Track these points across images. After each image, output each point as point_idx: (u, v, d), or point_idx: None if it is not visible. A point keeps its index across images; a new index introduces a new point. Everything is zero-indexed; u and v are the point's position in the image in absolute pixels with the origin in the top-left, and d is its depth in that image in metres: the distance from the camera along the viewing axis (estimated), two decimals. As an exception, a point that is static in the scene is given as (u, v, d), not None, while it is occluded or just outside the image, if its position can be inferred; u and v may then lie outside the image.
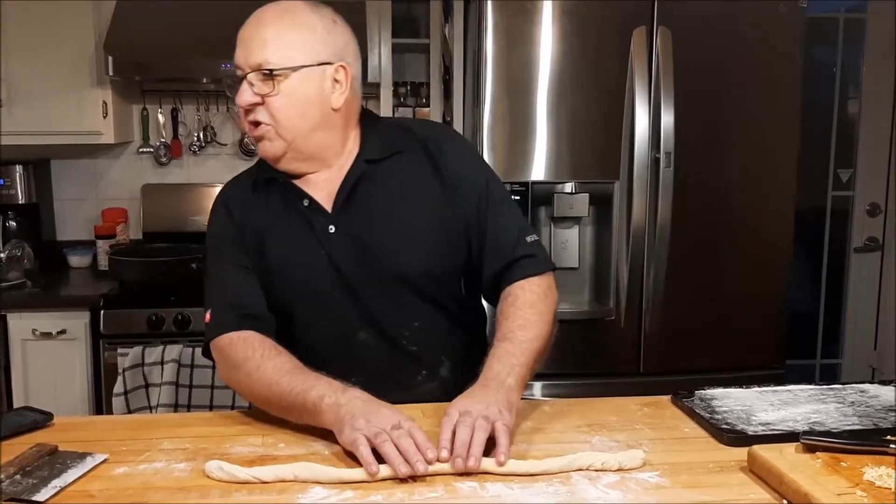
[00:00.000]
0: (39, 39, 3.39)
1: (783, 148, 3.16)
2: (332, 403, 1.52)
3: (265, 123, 1.74)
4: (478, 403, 1.49)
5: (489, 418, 1.45)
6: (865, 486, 1.27)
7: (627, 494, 1.35)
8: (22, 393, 3.21)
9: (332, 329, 1.80)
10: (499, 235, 1.83)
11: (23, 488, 1.34)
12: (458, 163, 1.85)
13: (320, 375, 1.60)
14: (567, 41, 3.02)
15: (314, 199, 1.80)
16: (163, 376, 2.99)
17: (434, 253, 1.81)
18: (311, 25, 1.75)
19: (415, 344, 1.83)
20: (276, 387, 1.62)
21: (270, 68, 1.71)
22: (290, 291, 1.80)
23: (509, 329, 1.70)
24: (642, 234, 3.08)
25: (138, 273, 3.33)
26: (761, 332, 3.22)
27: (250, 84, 1.73)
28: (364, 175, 1.80)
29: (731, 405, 1.72)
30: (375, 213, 1.79)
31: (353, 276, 1.78)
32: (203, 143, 3.89)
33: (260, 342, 1.71)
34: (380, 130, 1.87)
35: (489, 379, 1.59)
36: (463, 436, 1.42)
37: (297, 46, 1.73)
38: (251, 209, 1.84)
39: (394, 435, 1.42)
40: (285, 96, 1.72)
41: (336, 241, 1.78)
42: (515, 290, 1.78)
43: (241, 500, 1.32)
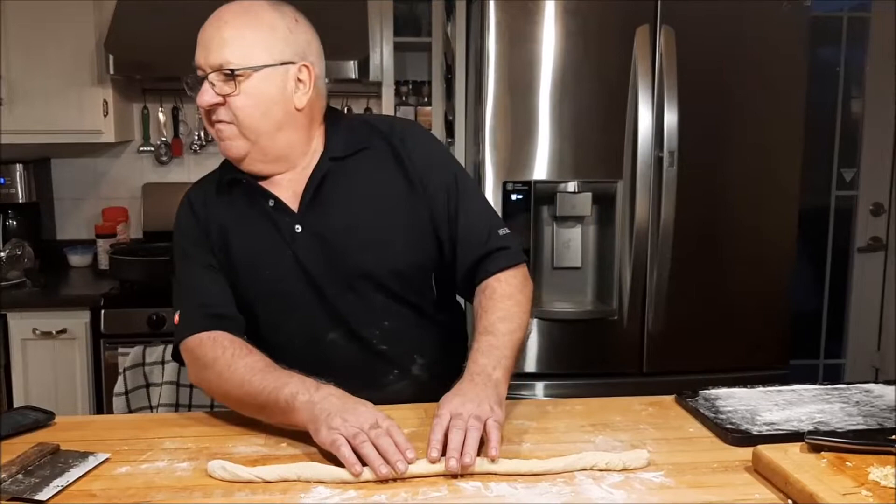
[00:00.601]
0: (40, 38, 3.38)
1: (787, 147, 3.15)
2: (306, 401, 1.51)
3: (227, 122, 1.73)
4: (468, 403, 1.48)
5: (480, 418, 1.45)
6: (871, 486, 1.26)
7: (632, 494, 1.34)
8: (22, 392, 3.21)
9: (301, 329, 1.80)
10: (471, 229, 1.82)
11: (25, 487, 1.34)
12: (424, 157, 1.84)
13: (293, 373, 1.59)
14: (570, 40, 3.01)
15: (279, 199, 1.79)
16: (163, 376, 2.98)
17: (401, 251, 1.80)
18: (272, 24, 1.74)
19: (385, 343, 1.82)
20: (247, 385, 1.60)
21: (231, 68, 1.70)
22: (255, 291, 1.79)
23: (490, 322, 1.69)
24: (645, 233, 3.07)
25: (139, 272, 3.32)
26: (764, 332, 3.21)
27: (211, 84, 1.72)
28: (329, 173, 1.79)
29: (735, 405, 1.71)
30: (341, 211, 1.78)
31: (320, 275, 1.77)
32: (204, 142, 3.88)
33: (230, 341, 1.70)
34: (344, 128, 1.86)
35: (475, 374, 1.58)
36: (456, 438, 1.41)
37: (259, 46, 1.72)
38: (215, 209, 1.83)
39: (372, 434, 1.41)
40: (247, 96, 1.71)
41: (302, 240, 1.77)
42: (492, 283, 1.77)
43: (244, 500, 1.32)
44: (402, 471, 1.36)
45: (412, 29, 3.81)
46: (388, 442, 1.40)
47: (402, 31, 3.72)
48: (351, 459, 1.37)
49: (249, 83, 1.71)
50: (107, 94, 3.47)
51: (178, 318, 1.78)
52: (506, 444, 1.54)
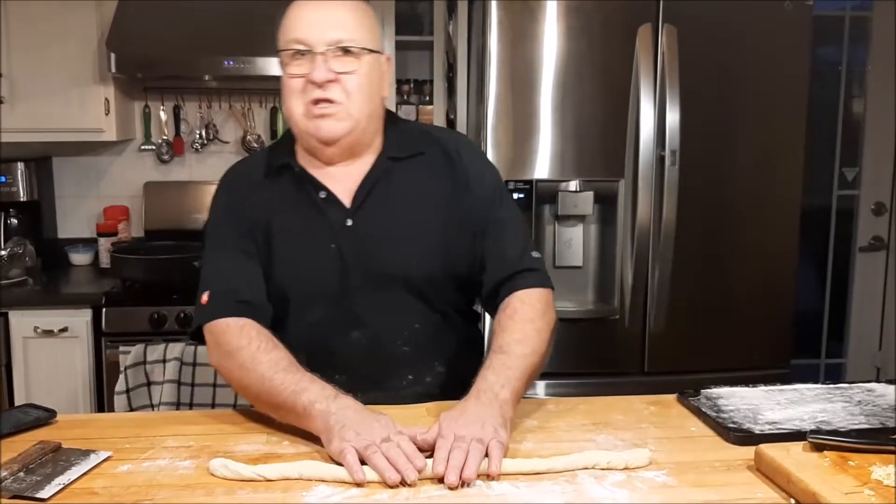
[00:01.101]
0: (42, 36, 3.38)
1: (788, 146, 3.15)
2: (323, 410, 1.50)
3: (336, 101, 1.72)
4: (471, 424, 1.44)
5: (483, 441, 1.41)
6: (873, 485, 1.26)
7: (634, 493, 1.34)
8: (23, 391, 3.21)
9: (327, 322, 1.79)
10: (505, 246, 1.82)
11: (26, 485, 1.34)
12: (474, 171, 1.86)
13: (314, 378, 1.58)
14: (572, 38, 3.01)
15: (331, 191, 1.79)
16: (165, 374, 2.98)
17: (439, 258, 1.81)
18: (369, 12, 1.78)
19: (408, 345, 1.82)
20: (267, 383, 1.59)
21: (348, 46, 1.70)
22: (290, 281, 1.79)
23: (506, 342, 1.66)
24: (647, 232, 3.07)
25: (140, 271, 3.32)
26: (766, 331, 3.21)
27: (325, 60, 1.70)
28: (386, 172, 1.80)
29: (737, 404, 1.71)
30: (392, 212, 1.79)
31: (359, 272, 1.77)
32: (205, 141, 3.88)
33: (257, 333, 1.68)
34: (401, 130, 1.88)
35: (482, 391, 1.54)
36: (457, 459, 1.38)
37: (366, 29, 1.75)
38: (260, 194, 1.82)
39: (383, 447, 1.40)
40: (360, 76, 1.72)
41: (350, 235, 1.77)
42: (514, 303, 1.75)
43: (246, 499, 1.32)
44: (412, 479, 1.35)
45: (414, 27, 3.81)
46: (398, 452, 1.38)
47: (404, 30, 3.72)
48: (354, 466, 1.36)
49: (363, 63, 1.72)
50: (108, 93, 3.47)
51: (206, 299, 1.76)
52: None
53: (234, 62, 3.32)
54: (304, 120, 1.74)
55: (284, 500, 1.31)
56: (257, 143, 3.87)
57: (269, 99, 3.87)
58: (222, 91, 3.84)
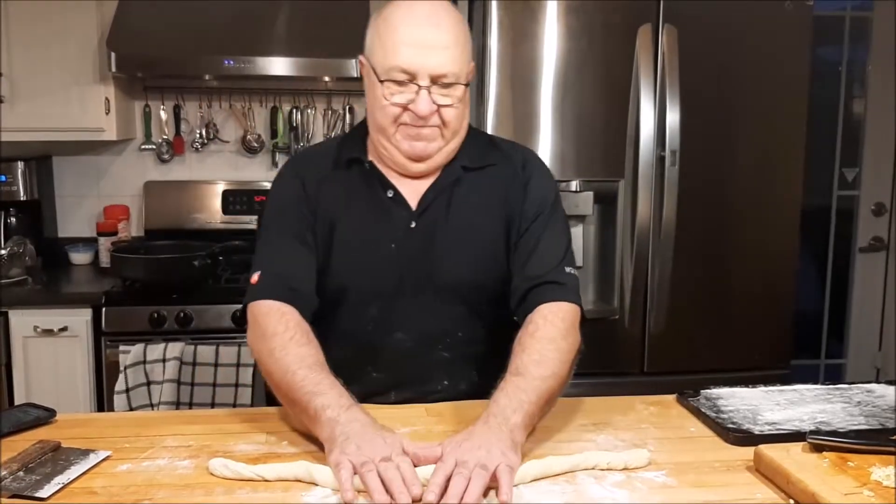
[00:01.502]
0: (42, 36, 3.38)
1: (789, 147, 3.15)
2: (332, 418, 1.46)
3: (433, 126, 1.73)
4: (477, 450, 1.36)
5: (488, 467, 1.33)
6: (873, 486, 1.26)
7: (634, 494, 1.34)
8: (23, 390, 3.21)
9: (375, 320, 1.79)
10: (543, 255, 1.80)
11: (26, 485, 1.34)
12: (536, 185, 1.85)
13: (336, 383, 1.55)
14: (572, 38, 3.01)
15: (400, 191, 1.79)
16: (164, 374, 2.98)
17: (494, 269, 1.81)
18: (466, 30, 1.76)
19: (449, 351, 1.82)
20: (289, 376, 1.57)
21: (452, 82, 1.70)
22: (347, 274, 1.79)
23: (523, 363, 1.59)
24: (647, 232, 3.07)
25: (140, 270, 3.32)
26: (766, 332, 3.21)
27: (428, 91, 1.69)
28: (457, 180, 1.81)
29: (737, 404, 1.71)
30: (456, 219, 1.79)
31: (415, 274, 1.77)
32: (205, 140, 3.88)
33: (296, 323, 1.68)
34: (474, 138, 1.87)
35: (492, 415, 1.47)
36: (457, 486, 1.29)
37: (467, 51, 1.74)
38: (328, 185, 1.82)
39: (381, 467, 1.33)
40: (457, 107, 1.72)
41: (411, 237, 1.78)
42: (537, 319, 1.70)
43: (245, 498, 1.32)
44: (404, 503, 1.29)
45: (414, 27, 3.80)
46: (395, 474, 1.31)
47: (404, 30, 3.71)
48: (346, 484, 1.30)
49: (462, 91, 1.72)
50: (109, 92, 3.46)
51: (256, 279, 1.75)
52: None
53: (234, 62, 3.32)
54: (398, 137, 1.75)
55: (284, 501, 1.31)
56: (257, 143, 3.87)
57: (270, 98, 3.86)
58: (223, 90, 3.84)
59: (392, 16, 1.72)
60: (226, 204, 3.78)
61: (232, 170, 3.92)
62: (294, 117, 3.86)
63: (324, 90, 3.85)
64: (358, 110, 3.88)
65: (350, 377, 1.75)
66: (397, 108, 1.71)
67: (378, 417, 1.65)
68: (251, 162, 3.92)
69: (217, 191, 3.79)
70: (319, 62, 3.37)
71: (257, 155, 3.91)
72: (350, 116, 3.87)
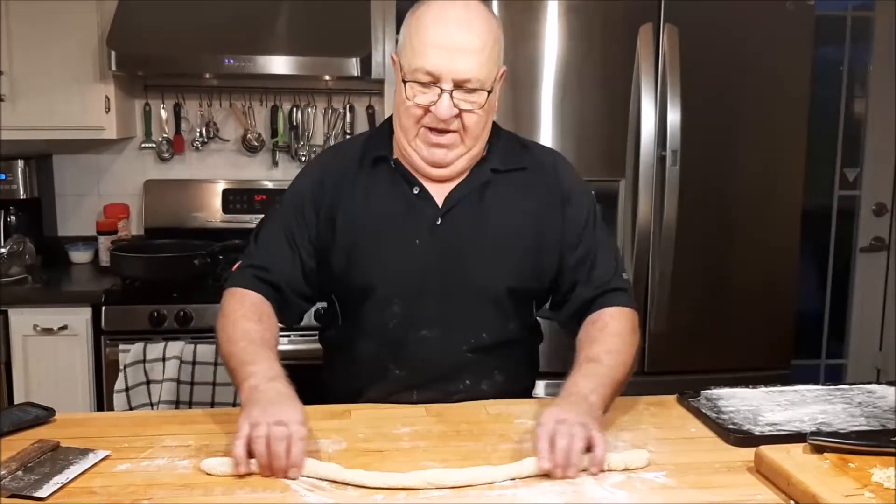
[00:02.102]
0: (42, 34, 3.37)
1: (790, 146, 3.15)
2: (252, 386, 1.52)
3: (454, 132, 1.73)
4: (570, 412, 1.46)
5: (586, 426, 1.43)
6: (874, 488, 1.26)
7: (633, 494, 1.34)
8: (23, 389, 3.20)
9: (399, 317, 1.80)
10: (597, 266, 1.83)
11: (24, 484, 1.34)
12: (571, 189, 1.87)
13: (271, 357, 1.61)
14: (573, 38, 3.00)
15: (426, 188, 1.80)
16: (164, 373, 2.98)
17: (522, 271, 1.82)
18: (499, 33, 1.75)
19: (474, 352, 1.82)
20: (232, 346, 1.65)
21: (476, 87, 1.69)
22: (371, 272, 1.79)
23: (596, 353, 1.68)
24: (647, 232, 3.06)
25: (140, 269, 3.32)
26: (767, 332, 3.21)
27: (450, 95, 1.68)
28: (487, 183, 1.81)
29: (737, 405, 1.71)
30: (484, 220, 1.79)
31: (440, 273, 1.78)
32: (205, 139, 3.87)
33: (252, 303, 1.74)
34: (504, 141, 1.87)
35: (572, 394, 1.56)
36: (563, 443, 1.39)
37: (496, 57, 1.73)
38: (352, 183, 1.82)
39: (274, 431, 1.38)
40: (480, 113, 1.72)
41: (438, 235, 1.78)
42: (605, 317, 1.78)
43: (244, 498, 1.32)
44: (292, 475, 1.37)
45: (415, 26, 3.80)
46: (282, 448, 1.37)
47: (405, 29, 3.71)
48: (238, 456, 1.38)
49: (486, 97, 1.71)
50: (109, 91, 3.46)
51: (236, 268, 1.84)
52: (507, 443, 1.54)
53: (234, 60, 3.32)
54: (418, 141, 1.76)
55: (283, 500, 1.31)
56: (258, 142, 3.86)
57: (270, 97, 3.86)
58: (223, 89, 3.83)
59: (424, 16, 1.71)
60: (226, 203, 3.78)
61: (232, 169, 3.91)
62: (294, 116, 3.86)
63: (324, 89, 3.84)
64: (358, 109, 3.87)
65: (373, 375, 1.79)
66: (419, 109, 1.71)
67: (377, 417, 1.66)
68: (251, 161, 3.92)
69: (217, 190, 3.79)
70: (320, 61, 3.37)
71: (257, 154, 3.90)
72: (350, 115, 3.86)
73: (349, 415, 1.69)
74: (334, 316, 1.91)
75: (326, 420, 1.65)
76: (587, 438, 1.41)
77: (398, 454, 1.50)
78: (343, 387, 1.88)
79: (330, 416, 1.68)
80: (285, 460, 1.37)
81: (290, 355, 3.05)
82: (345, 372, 1.89)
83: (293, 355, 3.07)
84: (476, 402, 1.76)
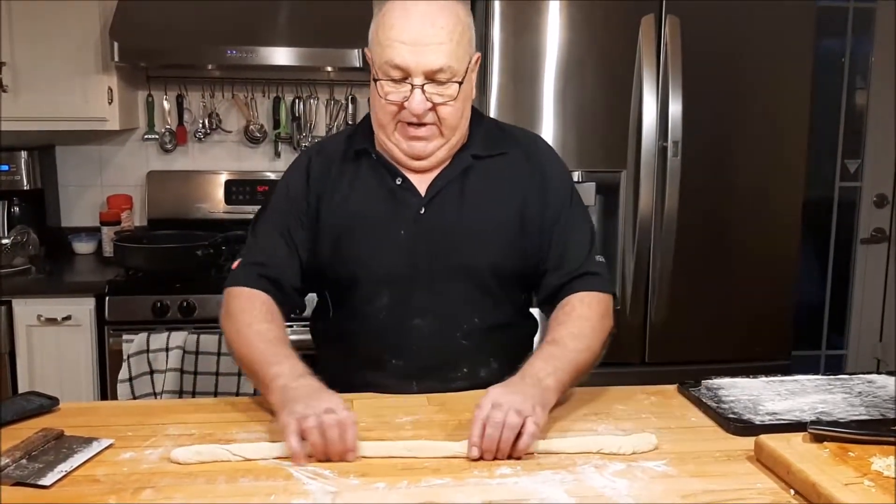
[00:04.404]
0: (45, 25, 3.37)
1: (791, 138, 3.15)
2: (282, 386, 1.53)
3: (429, 124, 1.74)
4: (512, 395, 1.47)
5: (521, 413, 1.43)
6: (873, 476, 1.27)
7: (634, 483, 1.35)
8: (27, 378, 3.21)
9: (391, 308, 1.81)
10: (570, 248, 1.84)
11: (29, 472, 1.34)
12: (551, 170, 1.88)
13: (292, 355, 1.62)
14: (575, 29, 3.00)
15: (408, 178, 1.81)
16: (168, 363, 2.99)
17: (509, 254, 1.82)
18: (468, 21, 1.76)
19: (468, 339, 1.83)
20: (250, 349, 1.65)
21: (448, 77, 1.70)
22: (358, 264, 1.81)
23: (560, 335, 1.69)
24: (649, 223, 3.07)
25: (143, 260, 3.32)
26: (767, 322, 3.21)
27: (422, 90, 1.70)
28: (467, 168, 1.82)
29: (737, 395, 1.72)
30: (467, 206, 1.80)
31: (427, 260, 1.79)
32: (208, 130, 3.87)
33: (262, 303, 1.75)
34: (484, 128, 1.88)
35: (527, 375, 1.57)
36: (491, 432, 1.41)
37: (465, 46, 1.73)
38: (336, 177, 1.84)
39: (324, 419, 1.40)
40: (454, 103, 1.73)
41: (422, 223, 1.79)
42: (574, 301, 1.78)
43: (247, 486, 1.33)
44: (349, 459, 1.40)
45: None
46: (337, 434, 1.40)
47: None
48: (294, 448, 1.39)
49: (459, 89, 1.72)
50: (111, 82, 3.46)
51: (236, 265, 1.83)
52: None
53: (237, 51, 3.32)
54: (397, 135, 1.77)
55: (286, 488, 1.32)
56: (260, 133, 3.87)
57: (272, 88, 3.86)
58: (225, 80, 3.83)
59: (390, 12, 1.72)
60: (228, 194, 3.78)
61: (234, 160, 3.92)
62: (297, 107, 3.86)
63: (326, 80, 3.84)
64: (360, 100, 3.87)
65: (371, 366, 1.79)
66: (393, 105, 1.72)
67: (379, 407, 1.67)
68: (254, 152, 3.92)
69: (220, 181, 3.80)
70: (322, 52, 3.37)
71: (260, 145, 3.90)
72: (352, 107, 3.86)
73: (351, 404, 1.69)
74: (325, 308, 1.92)
75: (328, 409, 1.66)
76: (518, 427, 1.41)
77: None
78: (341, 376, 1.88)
79: (332, 406, 1.68)
80: (341, 444, 1.40)
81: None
82: (341, 362, 1.90)
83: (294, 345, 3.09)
84: (477, 392, 1.76)
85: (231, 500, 1.29)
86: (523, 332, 1.98)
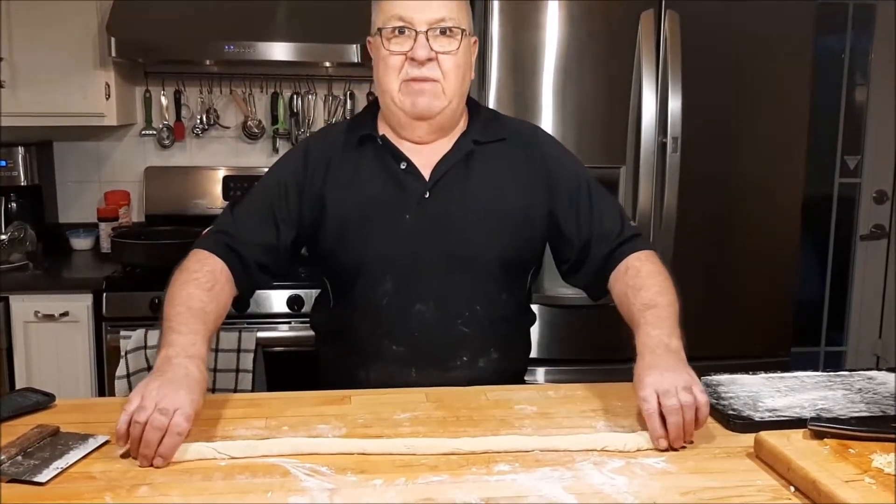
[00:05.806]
0: (42, 21, 3.37)
1: (791, 134, 3.14)
2: (164, 355, 1.52)
3: (433, 80, 1.75)
4: (663, 374, 1.48)
5: (687, 387, 1.45)
6: (874, 473, 1.26)
7: (633, 480, 1.34)
8: (24, 375, 3.21)
9: (393, 293, 1.81)
10: (604, 222, 1.86)
11: (24, 469, 1.34)
12: (554, 158, 1.90)
13: (200, 331, 1.59)
14: (574, 24, 3.00)
15: (413, 163, 1.81)
16: (165, 359, 2.98)
17: (512, 241, 1.84)
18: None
19: (469, 326, 1.83)
20: (171, 307, 1.63)
21: (450, 26, 1.74)
22: (362, 248, 1.81)
23: (650, 297, 1.70)
24: (648, 219, 3.06)
25: (141, 256, 3.32)
26: (767, 319, 3.21)
27: (426, 38, 1.73)
28: (469, 153, 1.83)
29: (737, 391, 1.71)
30: (470, 192, 1.82)
31: (431, 246, 1.79)
32: (206, 126, 3.87)
33: (210, 270, 1.74)
34: (483, 115, 1.92)
35: (654, 347, 1.57)
36: (676, 420, 1.42)
37: (465, 11, 1.79)
38: (338, 164, 1.85)
39: (153, 419, 1.36)
40: (457, 57, 1.76)
41: (426, 208, 1.79)
42: (634, 263, 1.81)
43: (244, 483, 1.32)
44: (157, 464, 1.36)
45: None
46: (155, 438, 1.36)
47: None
48: (119, 435, 1.38)
49: (460, 44, 1.76)
50: (109, 78, 3.45)
51: (206, 232, 1.85)
52: (507, 428, 1.54)
53: (235, 47, 3.31)
54: (400, 96, 1.78)
55: (284, 485, 1.31)
56: (258, 129, 3.86)
57: (270, 84, 3.85)
58: (223, 76, 3.83)
59: None
60: (226, 190, 3.77)
61: (232, 156, 3.91)
62: (295, 103, 3.85)
63: (325, 76, 3.84)
64: (358, 96, 3.87)
65: (370, 353, 1.79)
66: (398, 57, 1.75)
67: (377, 403, 1.66)
68: (252, 148, 3.91)
69: (218, 177, 3.79)
70: (320, 47, 3.36)
71: (258, 141, 3.90)
72: (351, 102, 3.86)
73: (349, 400, 1.69)
74: (326, 299, 1.92)
75: (326, 406, 1.65)
76: (693, 402, 1.44)
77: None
78: (340, 370, 1.89)
79: (329, 402, 1.68)
80: (153, 449, 1.36)
81: (289, 341, 3.10)
82: (341, 354, 1.90)
83: (293, 341, 3.09)
84: (476, 388, 1.76)
85: (228, 497, 1.28)
86: (522, 325, 1.98)
